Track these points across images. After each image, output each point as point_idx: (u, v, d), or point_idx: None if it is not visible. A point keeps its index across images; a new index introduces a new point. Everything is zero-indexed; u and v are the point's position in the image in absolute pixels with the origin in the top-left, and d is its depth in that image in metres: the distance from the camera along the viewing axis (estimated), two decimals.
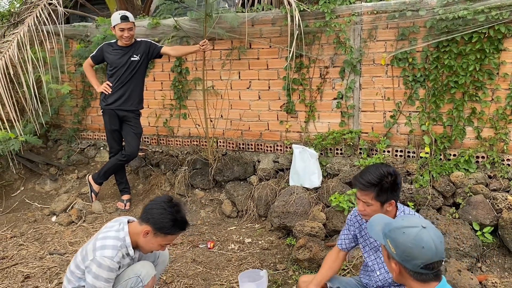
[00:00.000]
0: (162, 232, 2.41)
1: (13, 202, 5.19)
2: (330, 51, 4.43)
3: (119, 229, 2.49)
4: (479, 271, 3.40)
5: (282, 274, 3.51)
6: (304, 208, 4.12)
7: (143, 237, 2.43)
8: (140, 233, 2.44)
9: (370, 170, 2.31)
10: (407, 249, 1.60)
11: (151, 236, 2.42)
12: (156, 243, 2.45)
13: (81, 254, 2.51)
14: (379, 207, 2.28)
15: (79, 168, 5.67)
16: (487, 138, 3.98)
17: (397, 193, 2.30)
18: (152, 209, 2.43)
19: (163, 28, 5.07)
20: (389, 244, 1.67)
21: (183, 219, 2.46)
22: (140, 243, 2.47)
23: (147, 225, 2.42)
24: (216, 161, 4.87)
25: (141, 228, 2.43)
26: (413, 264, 1.59)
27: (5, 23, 5.82)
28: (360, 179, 2.29)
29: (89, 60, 4.69)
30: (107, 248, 2.39)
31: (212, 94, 5.06)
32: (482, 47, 3.78)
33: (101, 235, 2.49)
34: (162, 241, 2.44)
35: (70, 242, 4.21)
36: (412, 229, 1.63)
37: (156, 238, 2.42)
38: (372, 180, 2.25)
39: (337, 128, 4.54)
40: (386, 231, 1.72)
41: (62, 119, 6.20)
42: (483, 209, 3.64)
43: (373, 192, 2.25)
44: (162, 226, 2.39)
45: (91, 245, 2.46)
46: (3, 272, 3.70)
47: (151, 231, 2.41)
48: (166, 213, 2.39)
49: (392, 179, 2.26)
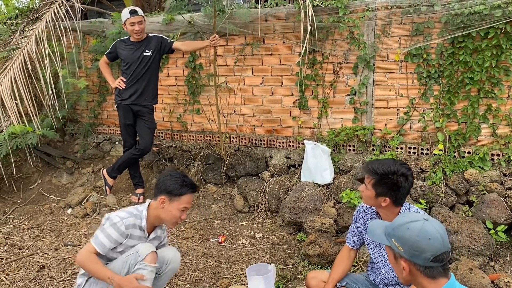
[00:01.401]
0: (175, 194, 2.53)
1: (30, 194, 5.31)
2: (344, 47, 4.41)
3: (140, 204, 2.71)
4: (491, 270, 3.35)
5: (292, 269, 3.52)
6: (315, 204, 4.11)
7: (161, 208, 2.55)
8: (158, 206, 2.57)
9: (384, 161, 2.35)
10: (414, 244, 1.58)
11: (167, 203, 2.54)
12: (174, 208, 2.54)
13: None
14: (373, 196, 2.30)
15: (94, 162, 5.76)
16: (502, 135, 3.91)
17: (396, 194, 2.28)
18: (161, 181, 2.59)
19: (177, 24, 5.11)
20: (395, 243, 1.64)
21: (190, 180, 2.63)
22: (162, 216, 2.58)
23: (161, 195, 2.55)
24: (229, 157, 4.90)
25: (158, 201, 2.56)
26: (423, 258, 1.57)
27: (24, 19, 5.94)
28: (371, 163, 2.36)
29: (104, 58, 4.79)
30: (122, 212, 2.59)
31: (225, 89, 5.08)
32: (498, 43, 3.71)
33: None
34: (179, 205, 2.54)
35: (84, 234, 4.30)
36: (415, 223, 1.62)
37: (172, 203, 2.54)
38: (377, 170, 2.29)
39: (350, 124, 4.51)
40: (389, 231, 1.70)
41: (79, 114, 6.31)
42: (497, 208, 3.59)
43: (373, 179, 2.28)
44: (173, 188, 2.53)
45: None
46: (19, 262, 3.80)
47: (165, 198, 2.54)
48: (173, 177, 2.57)
49: (396, 178, 2.25)
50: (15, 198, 5.21)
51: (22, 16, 6.08)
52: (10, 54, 5.19)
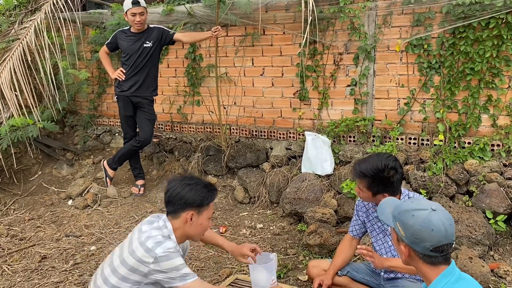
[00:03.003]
0: (205, 204, 2.25)
1: (31, 186, 5.32)
2: (344, 38, 4.40)
3: (161, 226, 2.23)
4: (491, 259, 3.37)
5: (293, 259, 3.55)
6: (315, 194, 4.13)
7: (190, 224, 2.23)
8: (183, 224, 2.23)
9: (369, 160, 2.33)
10: (416, 232, 1.59)
11: (196, 217, 2.24)
12: (204, 220, 2.28)
13: (115, 260, 2.23)
14: (371, 196, 2.31)
15: (94, 154, 5.77)
16: (503, 126, 3.92)
17: (391, 188, 2.29)
18: (180, 195, 2.22)
19: (177, 14, 5.09)
20: (399, 227, 1.66)
21: (208, 181, 2.37)
22: (190, 232, 2.27)
23: (186, 211, 2.22)
24: (229, 148, 4.90)
25: (182, 218, 2.23)
26: (422, 247, 1.58)
27: (23, 10, 5.91)
28: (357, 167, 2.34)
29: (104, 48, 4.76)
30: (162, 242, 2.14)
31: (226, 81, 5.07)
32: (499, 33, 3.70)
33: (143, 236, 2.18)
34: (208, 214, 2.29)
35: (85, 225, 4.31)
36: (421, 212, 1.62)
37: (201, 215, 2.25)
38: (365, 171, 2.28)
39: (350, 115, 4.51)
40: (395, 213, 1.71)
41: (79, 106, 6.30)
42: (497, 198, 3.60)
43: (365, 182, 2.28)
44: (202, 199, 2.23)
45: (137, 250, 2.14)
46: (21, 253, 3.81)
47: (194, 213, 2.23)
48: (194, 187, 2.23)
49: (385, 174, 2.25)
50: (15, 189, 5.21)
51: (21, 7, 6.05)
52: (9, 45, 5.17)
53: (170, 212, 2.25)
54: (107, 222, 4.35)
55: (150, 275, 2.13)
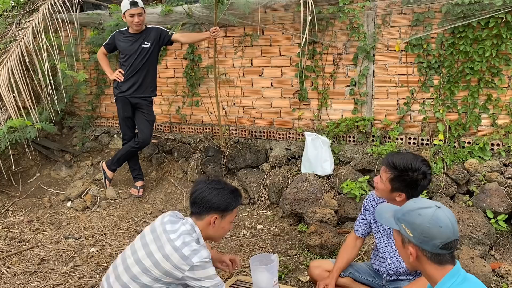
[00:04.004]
0: (229, 210, 2.31)
1: (29, 187, 5.29)
2: (344, 38, 4.39)
3: (189, 231, 2.26)
4: (492, 258, 3.37)
5: (293, 260, 3.53)
6: (315, 195, 4.12)
7: (212, 227, 2.29)
8: (206, 226, 2.29)
9: (405, 155, 2.31)
10: (425, 230, 1.58)
11: (219, 221, 2.29)
12: (226, 224, 2.35)
13: (141, 264, 2.21)
14: (388, 190, 2.28)
15: (93, 155, 5.74)
16: (502, 125, 3.92)
17: (413, 191, 2.26)
18: (205, 197, 2.27)
19: (175, 15, 5.07)
20: (405, 228, 1.64)
21: (234, 186, 2.41)
22: (212, 234, 2.33)
23: (210, 215, 2.27)
24: (229, 149, 4.89)
25: (206, 221, 2.28)
26: (432, 245, 1.57)
27: (20, 11, 5.88)
28: (391, 156, 2.32)
29: (102, 49, 4.75)
30: (198, 250, 2.18)
31: (225, 81, 5.06)
32: (499, 33, 3.70)
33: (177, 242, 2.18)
34: (230, 218, 2.35)
35: (84, 226, 4.29)
36: (427, 210, 1.61)
37: (224, 219, 2.32)
38: (396, 164, 2.25)
39: (350, 115, 4.51)
40: (398, 215, 1.70)
41: (77, 107, 6.27)
42: (498, 197, 3.60)
43: (391, 174, 2.25)
44: (227, 204, 2.29)
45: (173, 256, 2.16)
46: (20, 255, 3.79)
47: (217, 217, 2.28)
48: (221, 192, 2.29)
49: (415, 175, 2.22)
50: (14, 191, 5.18)
51: (19, 8, 6.03)
52: (7, 46, 5.15)
53: (195, 213, 2.31)
54: (106, 223, 4.33)
55: (183, 280, 2.19)
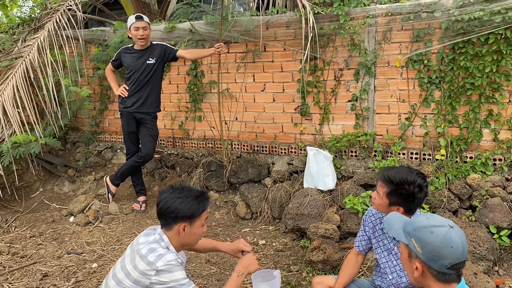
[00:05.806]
0: (196, 215, 2.26)
1: (32, 202, 5.30)
2: (345, 54, 4.44)
3: (158, 240, 2.27)
4: (496, 274, 3.35)
5: (296, 276, 3.52)
6: (318, 210, 4.11)
7: (182, 235, 2.26)
8: (177, 235, 2.27)
9: (401, 169, 2.30)
10: (435, 249, 1.56)
11: (188, 228, 2.26)
12: (197, 229, 2.30)
13: (116, 277, 2.24)
14: (386, 205, 2.28)
15: (96, 170, 5.76)
16: (504, 140, 3.93)
17: (410, 204, 2.26)
18: (171, 208, 2.24)
19: (179, 32, 5.14)
20: (414, 244, 1.62)
21: (199, 191, 2.34)
22: (185, 241, 2.31)
23: (178, 224, 2.24)
24: (231, 163, 4.91)
25: (175, 230, 2.26)
26: (441, 264, 1.56)
27: (26, 28, 5.97)
28: (386, 171, 2.32)
29: (109, 65, 4.85)
30: (163, 255, 2.18)
31: (227, 96, 5.10)
32: (498, 48, 3.74)
33: (143, 250, 2.20)
34: (201, 222, 2.30)
35: (87, 242, 4.29)
36: (440, 229, 1.59)
37: (193, 225, 2.27)
38: (392, 178, 2.25)
39: (352, 130, 4.53)
40: (409, 230, 1.67)
41: (80, 122, 6.32)
42: (500, 212, 3.59)
43: (387, 188, 2.26)
44: (193, 211, 2.24)
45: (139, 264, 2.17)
46: (22, 271, 3.78)
47: (186, 224, 2.25)
48: (184, 200, 2.24)
49: (411, 188, 2.22)
50: (17, 206, 5.20)
51: (24, 25, 6.12)
52: (13, 62, 5.21)
53: (163, 225, 2.29)
54: (108, 239, 4.33)
55: (151, 286, 2.16)
